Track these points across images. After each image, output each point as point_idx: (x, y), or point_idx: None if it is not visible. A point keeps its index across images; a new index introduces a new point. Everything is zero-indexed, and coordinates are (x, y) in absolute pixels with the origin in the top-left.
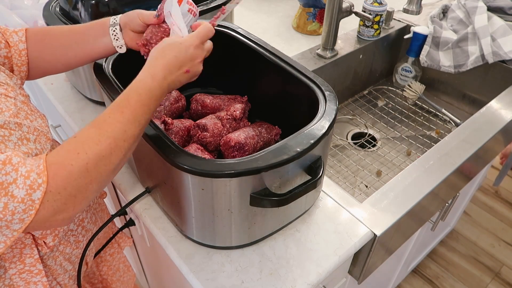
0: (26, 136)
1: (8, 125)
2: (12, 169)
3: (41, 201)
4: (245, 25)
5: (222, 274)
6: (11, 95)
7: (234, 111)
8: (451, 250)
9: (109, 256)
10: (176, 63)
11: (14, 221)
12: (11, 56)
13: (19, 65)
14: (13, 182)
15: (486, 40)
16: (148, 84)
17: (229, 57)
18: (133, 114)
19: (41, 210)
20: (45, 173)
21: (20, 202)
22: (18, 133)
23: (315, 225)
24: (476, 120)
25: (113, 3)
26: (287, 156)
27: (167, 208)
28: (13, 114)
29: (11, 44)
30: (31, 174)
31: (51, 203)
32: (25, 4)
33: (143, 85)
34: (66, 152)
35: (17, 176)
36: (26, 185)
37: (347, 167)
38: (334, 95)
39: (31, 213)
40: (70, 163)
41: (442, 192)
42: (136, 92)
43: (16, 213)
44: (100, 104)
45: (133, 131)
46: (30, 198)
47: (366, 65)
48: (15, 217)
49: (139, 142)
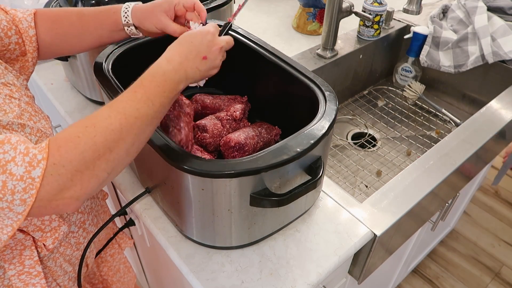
0: (28, 138)
1: (11, 126)
2: (10, 148)
3: (41, 179)
4: (245, 25)
5: (222, 274)
6: (16, 96)
7: (234, 112)
8: (451, 250)
9: (110, 256)
10: (192, 49)
11: (15, 202)
12: (23, 42)
13: (31, 51)
14: (11, 160)
15: (486, 40)
16: (163, 67)
17: (229, 57)
18: (146, 94)
19: (44, 186)
20: (46, 150)
21: (19, 180)
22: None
23: (315, 225)
24: (476, 120)
25: (113, 3)
26: (287, 156)
27: (167, 208)
28: (17, 116)
29: (22, 31)
30: (30, 150)
31: (55, 178)
32: (25, 4)
33: (158, 68)
34: (74, 127)
35: (15, 154)
36: (25, 162)
37: (347, 167)
38: (334, 95)
39: (32, 193)
40: (77, 135)
41: (442, 192)
42: (150, 74)
43: (16, 193)
44: (100, 104)
45: (146, 110)
46: (29, 175)
47: (366, 65)
48: (16, 197)
49: None
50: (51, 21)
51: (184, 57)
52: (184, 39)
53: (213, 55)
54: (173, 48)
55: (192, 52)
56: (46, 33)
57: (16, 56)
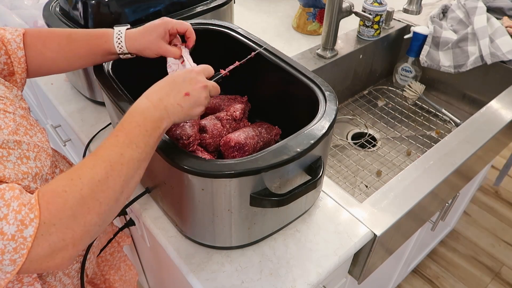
0: (25, 154)
1: (7, 144)
2: (3, 204)
3: (33, 238)
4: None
5: (222, 274)
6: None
7: (234, 112)
8: (451, 250)
9: (110, 255)
10: (173, 86)
11: (4, 262)
12: (11, 62)
13: (20, 72)
14: (4, 218)
15: (484, 41)
16: (141, 105)
17: (229, 57)
18: (128, 136)
19: (35, 248)
20: (37, 207)
21: (10, 240)
22: (17, 152)
23: (315, 225)
24: (476, 120)
25: (113, 4)
26: (287, 156)
27: (167, 208)
28: (12, 131)
29: (10, 52)
30: (22, 208)
31: (46, 238)
32: (25, 4)
33: (136, 107)
34: (60, 180)
35: (8, 212)
36: (17, 220)
37: (347, 167)
38: (334, 95)
39: (23, 253)
40: (64, 190)
41: (442, 192)
42: (130, 114)
43: (6, 253)
44: (100, 104)
45: (131, 154)
46: (21, 235)
47: (366, 65)
48: (5, 257)
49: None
50: (41, 43)
51: (164, 93)
52: (167, 78)
53: (196, 92)
54: (154, 86)
55: (173, 88)
56: (35, 55)
57: (4, 76)
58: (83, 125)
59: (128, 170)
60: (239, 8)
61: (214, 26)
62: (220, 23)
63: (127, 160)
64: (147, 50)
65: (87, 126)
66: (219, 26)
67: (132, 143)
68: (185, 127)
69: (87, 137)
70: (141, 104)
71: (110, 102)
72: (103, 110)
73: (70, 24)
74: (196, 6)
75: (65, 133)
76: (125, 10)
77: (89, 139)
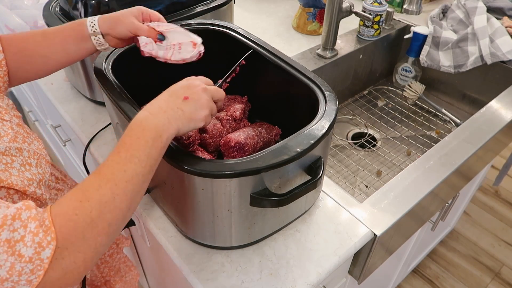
0: (27, 161)
1: (10, 151)
2: (20, 225)
3: (50, 260)
4: (245, 25)
5: (222, 274)
6: (6, 118)
7: (234, 112)
8: (451, 250)
9: (109, 257)
10: (171, 93)
11: (21, 282)
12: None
13: (1, 75)
14: (21, 240)
15: (484, 41)
16: (140, 117)
17: (229, 57)
18: (129, 151)
19: (49, 271)
20: (53, 229)
21: (27, 262)
22: (20, 158)
23: (315, 225)
24: (476, 120)
25: (113, 4)
26: (287, 157)
27: (167, 208)
28: (12, 139)
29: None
30: (39, 230)
31: (59, 262)
32: (25, 4)
33: (136, 119)
34: (69, 201)
35: (25, 233)
36: (34, 243)
37: (347, 167)
38: (334, 95)
39: (39, 274)
40: (75, 213)
41: (442, 192)
42: (130, 128)
43: (23, 274)
44: (100, 104)
45: (135, 169)
46: (38, 257)
47: (366, 65)
48: (22, 278)
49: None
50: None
51: (163, 101)
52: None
53: (195, 95)
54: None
55: (171, 95)
56: (13, 57)
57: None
58: (83, 125)
59: (133, 187)
60: (239, 8)
61: (214, 26)
62: (220, 23)
63: (131, 177)
64: (119, 25)
65: (87, 126)
66: (219, 26)
67: (134, 157)
68: None
69: (87, 137)
70: (140, 115)
71: (110, 102)
72: (103, 110)
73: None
74: (196, 6)
75: (65, 133)
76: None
77: (89, 139)
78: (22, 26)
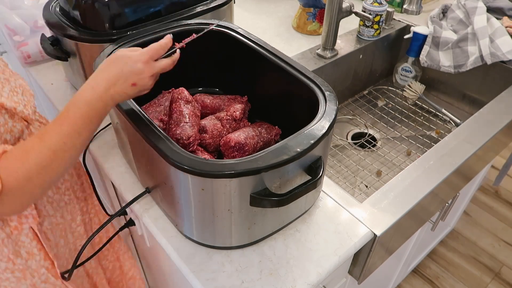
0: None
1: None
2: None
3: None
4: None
5: (222, 274)
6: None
7: (234, 112)
8: (451, 250)
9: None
10: (121, 76)
11: None
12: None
13: None
14: None
15: (484, 41)
16: (87, 96)
17: (229, 57)
18: (72, 127)
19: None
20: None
21: None
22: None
23: (315, 225)
24: (476, 120)
25: (113, 4)
26: (287, 156)
27: (167, 208)
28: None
29: None
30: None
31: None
32: (25, 4)
33: (82, 97)
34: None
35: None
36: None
37: (347, 167)
38: (334, 95)
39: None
40: (16, 171)
41: (442, 192)
42: (75, 105)
43: None
44: None
45: (74, 142)
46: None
47: (366, 65)
48: None
49: (139, 142)
50: None
51: (111, 84)
52: (114, 64)
53: (142, 81)
54: (100, 73)
55: (120, 79)
56: None
57: None
58: None
59: (70, 155)
60: (239, 8)
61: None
62: (220, 23)
63: (70, 148)
64: None
65: None
66: (219, 26)
67: (75, 132)
68: (185, 127)
69: None
70: (87, 94)
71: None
72: None
73: (70, 24)
74: (196, 6)
75: None
76: (125, 10)
77: None
78: (22, 26)
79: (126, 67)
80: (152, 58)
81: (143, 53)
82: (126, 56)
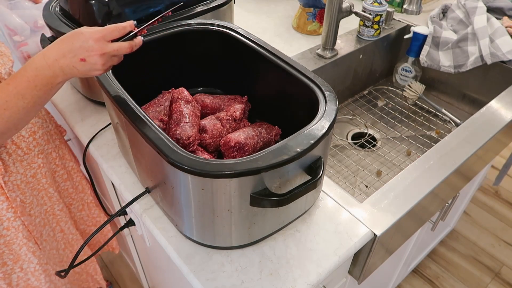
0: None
1: None
2: None
3: None
4: (245, 25)
5: (222, 274)
6: None
7: (234, 112)
8: (451, 250)
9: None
10: (71, 49)
11: None
12: None
13: None
14: None
15: (484, 41)
16: (37, 63)
17: (229, 57)
18: (16, 88)
19: None
20: None
21: None
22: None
23: (315, 225)
24: (476, 120)
25: (113, 4)
26: (287, 156)
27: (167, 208)
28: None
29: None
30: None
31: None
32: (25, 4)
33: (32, 62)
34: None
35: None
36: None
37: (347, 167)
38: (334, 95)
39: None
40: None
41: (442, 192)
42: (25, 69)
43: None
44: (100, 104)
45: (16, 103)
46: None
47: (366, 65)
48: None
49: (139, 142)
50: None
51: (61, 55)
52: (68, 38)
53: (91, 59)
54: (53, 44)
55: (70, 52)
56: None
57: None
58: (83, 125)
59: (11, 114)
60: (239, 8)
61: (214, 26)
62: (220, 23)
63: (10, 107)
64: None
65: (87, 126)
66: (219, 26)
67: (19, 94)
68: (185, 127)
69: (87, 137)
70: (37, 61)
71: (110, 102)
72: (103, 110)
73: (70, 24)
74: (196, 6)
75: None
76: (125, 10)
77: (89, 139)
78: (22, 26)
79: (78, 42)
80: (105, 37)
81: (97, 31)
82: (79, 32)
